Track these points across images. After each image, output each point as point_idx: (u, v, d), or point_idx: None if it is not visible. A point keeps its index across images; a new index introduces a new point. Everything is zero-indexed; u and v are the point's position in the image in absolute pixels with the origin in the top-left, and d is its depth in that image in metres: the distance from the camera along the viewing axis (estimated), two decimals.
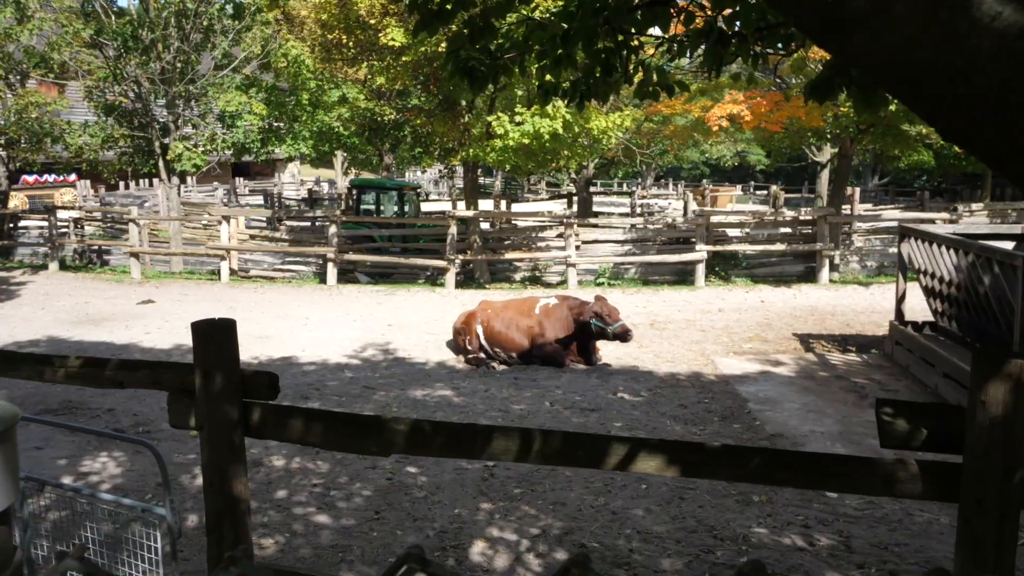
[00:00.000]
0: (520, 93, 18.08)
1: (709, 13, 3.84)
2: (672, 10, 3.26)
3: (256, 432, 3.00)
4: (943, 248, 8.38)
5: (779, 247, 16.28)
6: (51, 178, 31.82)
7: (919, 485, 2.52)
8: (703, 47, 3.87)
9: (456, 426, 2.84)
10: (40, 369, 3.32)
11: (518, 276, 17.08)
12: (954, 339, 8.68)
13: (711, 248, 15.98)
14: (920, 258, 9.09)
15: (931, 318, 9.55)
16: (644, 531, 4.88)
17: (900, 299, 9.66)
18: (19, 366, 3.40)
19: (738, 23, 3.90)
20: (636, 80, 4.11)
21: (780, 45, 4.16)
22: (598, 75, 3.61)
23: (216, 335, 2.87)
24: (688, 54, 4.13)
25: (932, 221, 16.20)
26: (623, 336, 8.98)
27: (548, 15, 4.29)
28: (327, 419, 2.95)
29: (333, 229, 16.82)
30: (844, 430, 6.98)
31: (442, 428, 2.82)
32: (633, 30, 3.52)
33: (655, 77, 4.02)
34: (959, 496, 2.42)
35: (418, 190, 22.95)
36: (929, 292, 9.23)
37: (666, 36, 3.93)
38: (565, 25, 3.29)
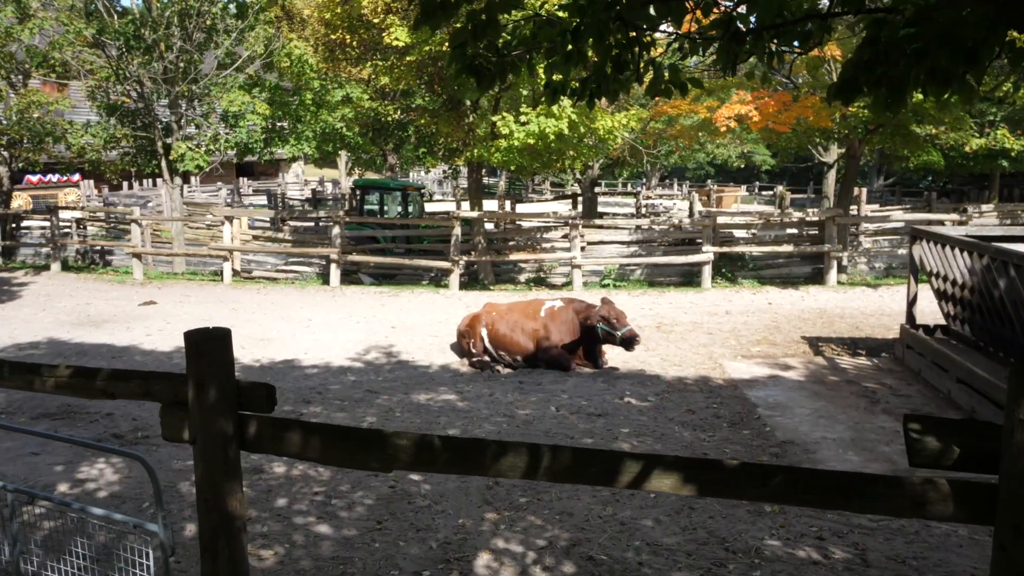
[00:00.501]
0: (525, 93, 17.95)
1: (724, 8, 3.71)
2: (688, 4, 3.12)
3: (252, 446, 2.87)
4: (956, 250, 8.23)
5: (786, 248, 16.11)
6: (55, 178, 31.79)
7: (950, 507, 2.38)
8: (716, 44, 3.74)
9: (461, 441, 2.72)
10: (29, 379, 3.20)
11: (523, 277, 16.95)
12: (967, 343, 8.52)
13: (718, 249, 15.82)
14: (932, 261, 8.94)
15: (943, 321, 9.40)
16: (654, 543, 4.74)
17: (911, 302, 9.50)
18: (7, 375, 3.27)
19: (753, 18, 3.77)
20: (647, 78, 3.98)
21: (796, 43, 4.03)
22: (609, 72, 3.47)
23: (210, 345, 2.74)
24: (701, 52, 3.99)
25: (941, 222, 16.03)
26: (631, 341, 8.84)
27: (557, 10, 4.16)
28: (326, 433, 2.82)
29: (336, 230, 16.70)
30: (856, 437, 6.83)
31: (447, 444, 2.69)
32: (645, 26, 3.38)
33: (667, 75, 3.89)
34: (994, 520, 2.28)
35: (422, 190, 22.83)
36: (941, 295, 9.08)
37: (679, 32, 3.79)
38: (575, 20, 3.16)
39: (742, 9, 3.75)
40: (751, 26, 3.76)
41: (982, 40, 2.70)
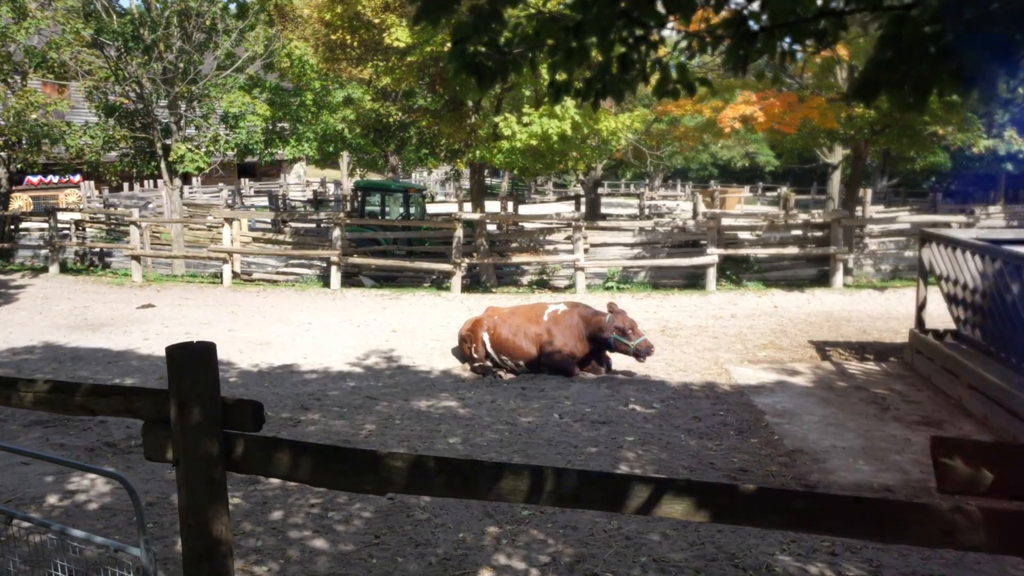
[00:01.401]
0: (528, 93, 17.80)
1: (735, 5, 3.54)
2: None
3: (239, 467, 2.72)
4: (967, 254, 8.06)
5: (792, 250, 15.93)
6: (55, 179, 31.69)
7: (982, 536, 2.22)
8: (726, 43, 3.58)
9: (460, 463, 2.56)
10: (6, 394, 3.05)
11: (525, 280, 16.78)
12: (979, 348, 8.35)
13: (722, 251, 15.65)
14: (942, 264, 8.77)
15: (952, 325, 9.23)
16: (661, 559, 4.58)
17: (921, 306, 9.33)
18: None
19: (765, 15, 3.61)
20: (654, 78, 3.82)
21: (810, 41, 3.87)
22: (614, 72, 3.30)
23: (193, 362, 2.59)
24: (710, 51, 3.83)
25: (947, 224, 15.86)
26: (645, 353, 8.66)
27: (561, 6, 4.01)
28: (317, 453, 2.67)
29: (337, 232, 16.55)
30: (867, 445, 6.67)
31: (445, 465, 2.54)
32: (653, 23, 3.22)
33: (675, 75, 3.73)
34: None
35: (424, 192, 22.67)
36: (951, 299, 8.90)
37: (688, 31, 3.63)
38: (579, 17, 3.00)
39: (754, 7, 3.59)
40: (762, 24, 3.60)
41: (1013, 37, 2.54)
